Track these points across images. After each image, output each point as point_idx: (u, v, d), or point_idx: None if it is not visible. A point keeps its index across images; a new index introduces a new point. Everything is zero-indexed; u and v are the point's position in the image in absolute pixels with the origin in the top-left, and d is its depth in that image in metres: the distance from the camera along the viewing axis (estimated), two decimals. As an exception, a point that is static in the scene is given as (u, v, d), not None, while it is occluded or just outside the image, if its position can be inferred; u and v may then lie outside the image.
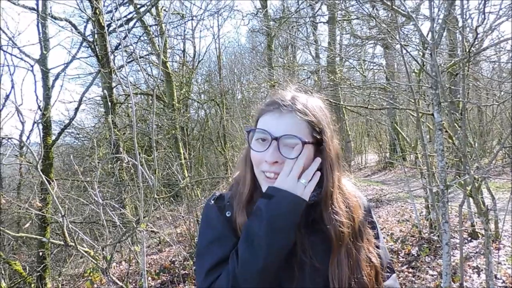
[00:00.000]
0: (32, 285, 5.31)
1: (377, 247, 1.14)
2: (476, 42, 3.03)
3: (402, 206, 8.75)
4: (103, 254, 4.05)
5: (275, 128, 1.01)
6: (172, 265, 6.20)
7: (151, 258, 7.20)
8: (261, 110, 1.08)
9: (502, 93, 6.11)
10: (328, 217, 1.04)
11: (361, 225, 1.10)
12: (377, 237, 1.16)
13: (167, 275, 5.90)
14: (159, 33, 11.90)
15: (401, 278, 4.55)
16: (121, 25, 7.11)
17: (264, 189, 1.03)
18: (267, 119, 1.04)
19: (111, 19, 7.99)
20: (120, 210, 5.38)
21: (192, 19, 14.06)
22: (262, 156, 1.02)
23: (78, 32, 7.64)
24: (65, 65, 6.26)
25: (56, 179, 5.56)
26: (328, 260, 1.03)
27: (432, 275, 4.54)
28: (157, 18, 11.89)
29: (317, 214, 1.05)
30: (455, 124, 3.61)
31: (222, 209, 1.07)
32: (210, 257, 1.00)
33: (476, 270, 4.44)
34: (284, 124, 1.01)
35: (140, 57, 11.41)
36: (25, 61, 5.23)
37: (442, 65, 4.48)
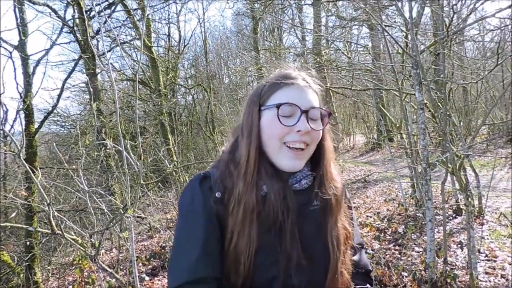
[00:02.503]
0: (21, 275, 5.29)
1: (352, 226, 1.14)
2: (454, 21, 3.04)
3: (389, 186, 8.87)
4: (91, 241, 4.05)
5: (301, 101, 1.02)
6: (162, 250, 6.21)
7: (142, 245, 7.21)
8: (275, 85, 1.05)
9: (486, 72, 6.17)
10: (328, 185, 1.07)
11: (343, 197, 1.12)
12: (351, 218, 1.17)
13: (158, 260, 5.93)
14: (142, 17, 11.68)
15: (388, 256, 4.64)
16: (101, 11, 6.96)
17: (285, 162, 1.02)
18: (289, 93, 1.03)
19: (92, 3, 7.80)
20: (108, 197, 5.37)
21: (175, 2, 13.78)
22: (289, 128, 1.01)
23: (58, 17, 7.46)
24: (46, 51, 6.12)
25: (41, 168, 5.51)
26: (316, 242, 1.03)
27: (418, 252, 4.64)
28: (140, 2, 11.65)
29: (310, 194, 1.05)
30: (437, 103, 3.65)
31: (210, 191, 1.01)
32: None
33: (460, 245, 4.54)
34: (309, 98, 1.04)
35: (123, 43, 11.22)
36: (3, 47, 5.09)
37: (423, 44, 4.50)
